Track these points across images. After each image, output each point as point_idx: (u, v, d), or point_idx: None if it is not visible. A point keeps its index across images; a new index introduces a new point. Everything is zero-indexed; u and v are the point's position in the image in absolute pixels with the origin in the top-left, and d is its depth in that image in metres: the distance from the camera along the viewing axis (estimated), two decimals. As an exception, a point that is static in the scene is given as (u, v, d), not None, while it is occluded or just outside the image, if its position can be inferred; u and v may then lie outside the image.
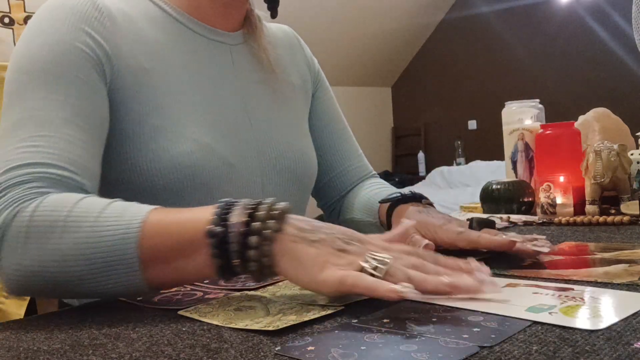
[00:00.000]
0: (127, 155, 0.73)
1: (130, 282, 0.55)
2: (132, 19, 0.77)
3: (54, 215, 0.57)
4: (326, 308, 0.50)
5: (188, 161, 0.73)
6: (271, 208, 0.54)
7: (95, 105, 0.69)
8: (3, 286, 0.59)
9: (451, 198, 4.55)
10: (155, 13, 0.81)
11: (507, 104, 1.26)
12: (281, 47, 0.96)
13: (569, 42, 5.56)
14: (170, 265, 0.55)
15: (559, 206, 0.99)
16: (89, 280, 0.55)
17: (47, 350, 0.45)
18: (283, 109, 0.90)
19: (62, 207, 0.57)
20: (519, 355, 0.37)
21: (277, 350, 0.41)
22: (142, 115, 0.74)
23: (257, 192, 0.82)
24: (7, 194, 0.59)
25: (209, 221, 0.54)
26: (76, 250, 0.55)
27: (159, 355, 0.42)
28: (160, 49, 0.78)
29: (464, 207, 1.25)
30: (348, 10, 5.46)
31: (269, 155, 0.84)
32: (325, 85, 1.03)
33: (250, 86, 0.86)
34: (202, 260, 0.54)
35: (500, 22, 5.97)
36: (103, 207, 0.57)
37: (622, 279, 0.54)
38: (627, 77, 5.13)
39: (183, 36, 0.81)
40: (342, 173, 1.00)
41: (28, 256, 0.56)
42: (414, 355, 0.38)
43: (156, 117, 0.74)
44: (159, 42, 0.78)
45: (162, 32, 0.79)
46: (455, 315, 0.46)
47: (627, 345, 0.37)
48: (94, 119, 0.69)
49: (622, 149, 0.96)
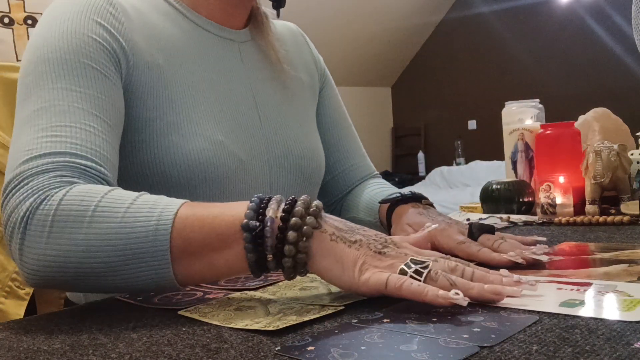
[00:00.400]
0: (140, 150, 0.73)
1: (160, 275, 0.54)
2: (144, 15, 0.78)
3: (84, 204, 0.56)
4: (326, 308, 0.50)
5: (201, 158, 0.74)
6: (308, 205, 0.53)
7: (113, 98, 0.69)
8: (23, 278, 0.58)
9: (451, 198, 4.55)
10: (166, 9, 0.81)
11: (507, 104, 1.26)
12: (288, 44, 0.97)
13: (569, 42, 5.56)
14: (202, 260, 0.55)
15: (559, 206, 0.99)
16: (117, 272, 0.54)
17: (47, 350, 0.45)
18: (292, 106, 0.91)
19: (91, 197, 0.56)
20: (519, 355, 0.37)
21: (277, 350, 0.41)
22: (156, 111, 0.74)
23: (266, 188, 0.83)
24: (31, 182, 0.58)
25: (244, 215, 0.53)
26: (105, 241, 0.54)
27: (159, 355, 0.42)
28: (173, 45, 0.79)
29: (464, 207, 1.25)
30: (348, 10, 5.46)
31: (278, 151, 0.85)
32: (331, 84, 1.03)
33: (259, 83, 0.87)
34: (234, 255, 0.53)
35: (500, 22, 5.97)
36: (133, 199, 0.57)
37: (622, 279, 0.54)
38: (627, 77, 5.14)
39: (194, 33, 0.82)
40: (345, 172, 1.00)
41: (53, 246, 0.55)
42: (414, 355, 0.38)
43: (170, 113, 0.74)
44: (171, 38, 0.79)
45: (174, 27, 0.80)
46: (455, 315, 0.46)
47: (627, 345, 0.37)
48: (112, 111, 0.69)
49: (622, 149, 0.96)
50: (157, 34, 0.78)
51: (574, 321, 0.43)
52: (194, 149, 0.74)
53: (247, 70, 0.86)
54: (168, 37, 0.78)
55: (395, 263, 0.51)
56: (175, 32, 0.80)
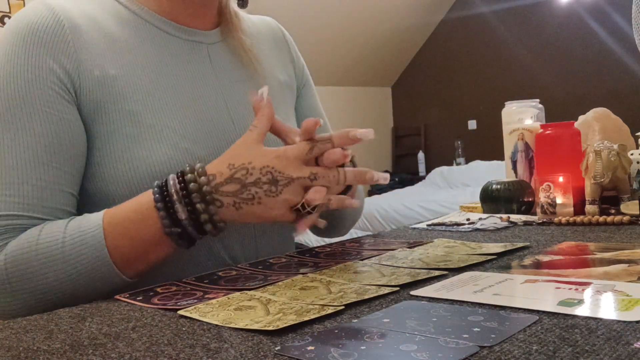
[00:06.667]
0: (104, 167, 0.72)
1: (116, 282, 0.66)
2: (98, 24, 0.75)
3: (24, 257, 0.64)
4: (326, 308, 0.50)
5: (166, 169, 0.72)
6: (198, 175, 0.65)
7: (66, 136, 0.70)
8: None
9: (451, 198, 4.54)
10: (125, 15, 0.79)
11: (507, 104, 1.26)
12: (264, 41, 0.94)
13: (569, 42, 5.56)
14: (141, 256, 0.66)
15: (559, 206, 0.99)
16: (82, 296, 0.64)
17: (47, 350, 0.45)
18: None
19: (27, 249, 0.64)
20: (519, 355, 0.37)
21: (277, 350, 0.41)
22: (112, 124, 0.72)
23: None
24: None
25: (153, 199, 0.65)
26: (61, 282, 0.64)
27: (159, 355, 0.42)
28: (130, 53, 0.76)
29: (464, 207, 1.25)
30: (348, 10, 5.46)
31: None
32: (310, 83, 1.01)
33: (231, 85, 0.84)
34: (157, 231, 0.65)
35: (500, 22, 5.97)
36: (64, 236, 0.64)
37: (621, 279, 0.54)
38: (627, 77, 5.14)
39: (155, 38, 0.79)
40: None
41: (18, 301, 0.64)
42: (414, 355, 0.38)
43: (128, 125, 0.73)
44: (129, 45, 0.76)
45: (132, 34, 0.77)
46: (455, 315, 0.46)
47: (627, 345, 0.37)
48: (65, 150, 0.69)
49: (622, 149, 0.96)
50: (111, 44, 0.75)
51: (573, 321, 0.43)
52: (158, 161, 0.72)
53: (217, 72, 0.84)
54: (124, 46, 0.76)
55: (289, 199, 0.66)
56: (134, 40, 0.77)
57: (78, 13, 0.74)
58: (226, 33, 0.87)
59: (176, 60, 0.80)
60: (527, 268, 0.63)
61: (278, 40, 0.98)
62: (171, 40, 0.81)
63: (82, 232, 0.65)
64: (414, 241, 0.83)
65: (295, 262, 0.73)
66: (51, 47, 0.70)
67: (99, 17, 0.76)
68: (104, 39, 0.75)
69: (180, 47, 0.81)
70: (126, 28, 0.78)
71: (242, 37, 0.88)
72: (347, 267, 0.67)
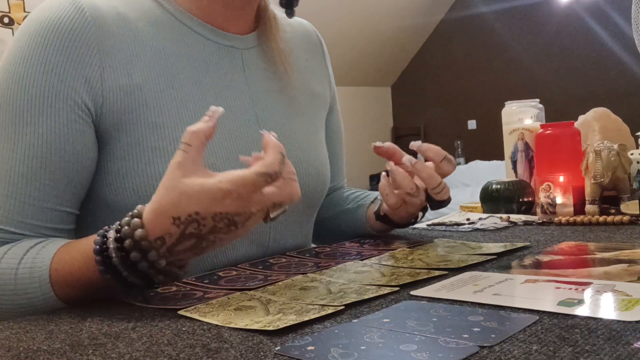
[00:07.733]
0: (127, 179, 0.68)
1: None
2: (129, 24, 0.71)
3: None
4: (326, 308, 0.50)
5: None
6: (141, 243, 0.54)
7: (69, 151, 0.66)
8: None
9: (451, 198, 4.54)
10: (160, 15, 0.74)
11: (507, 104, 1.26)
12: (301, 48, 0.90)
13: (569, 42, 5.56)
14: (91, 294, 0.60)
15: (559, 206, 0.99)
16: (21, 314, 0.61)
17: (47, 350, 0.45)
18: (297, 120, 0.84)
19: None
20: (519, 355, 0.37)
21: (277, 350, 0.41)
22: (136, 136, 0.69)
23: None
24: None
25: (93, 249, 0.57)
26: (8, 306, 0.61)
27: (159, 355, 0.42)
28: (160, 58, 0.72)
29: (464, 207, 1.25)
30: (348, 11, 5.45)
31: None
32: (337, 100, 0.98)
33: (262, 95, 0.80)
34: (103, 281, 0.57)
35: (500, 22, 5.97)
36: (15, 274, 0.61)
37: (621, 279, 0.54)
38: (627, 77, 5.13)
39: (189, 42, 0.75)
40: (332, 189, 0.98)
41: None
42: (414, 355, 0.38)
43: (154, 139, 0.69)
44: (159, 50, 0.72)
45: (165, 37, 0.73)
46: (455, 315, 0.46)
47: (627, 345, 0.37)
48: (65, 166, 0.66)
49: (622, 148, 0.96)
50: (141, 48, 0.70)
51: (573, 321, 0.43)
52: None
53: (249, 82, 0.79)
54: (155, 51, 0.71)
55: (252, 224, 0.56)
56: (166, 43, 0.73)
57: (108, 10, 0.69)
58: (262, 38, 0.83)
59: (207, 67, 0.76)
60: (527, 268, 0.63)
61: (315, 49, 0.93)
62: (205, 44, 0.76)
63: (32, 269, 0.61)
64: (414, 241, 0.83)
65: (295, 262, 0.73)
66: (72, 53, 0.65)
67: (131, 15, 0.71)
68: (133, 42, 0.70)
69: (213, 53, 0.77)
70: (159, 30, 0.73)
71: (279, 43, 0.83)
72: (347, 267, 0.67)
